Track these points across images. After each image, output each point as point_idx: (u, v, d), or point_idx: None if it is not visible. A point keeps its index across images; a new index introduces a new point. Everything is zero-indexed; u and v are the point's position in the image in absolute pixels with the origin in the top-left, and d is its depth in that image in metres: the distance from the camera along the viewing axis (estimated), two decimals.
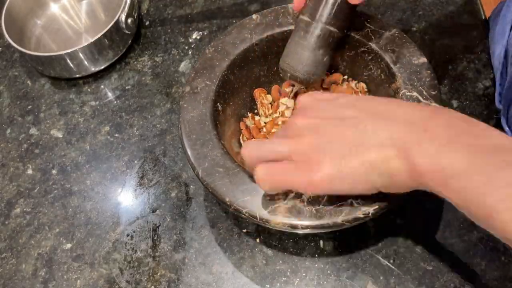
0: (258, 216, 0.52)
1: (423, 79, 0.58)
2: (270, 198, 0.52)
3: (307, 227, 0.51)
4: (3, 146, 0.79)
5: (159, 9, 0.91)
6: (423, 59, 0.60)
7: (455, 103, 0.72)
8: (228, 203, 0.54)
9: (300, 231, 0.53)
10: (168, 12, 0.91)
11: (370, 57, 0.63)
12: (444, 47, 0.77)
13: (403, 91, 0.58)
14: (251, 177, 0.53)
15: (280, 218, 0.52)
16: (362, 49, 0.64)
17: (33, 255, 0.69)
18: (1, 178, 0.76)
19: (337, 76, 0.68)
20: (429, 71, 0.59)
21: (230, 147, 0.63)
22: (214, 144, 0.58)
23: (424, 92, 0.57)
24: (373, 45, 0.62)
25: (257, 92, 0.70)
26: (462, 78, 0.74)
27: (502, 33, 0.69)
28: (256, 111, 0.70)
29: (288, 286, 0.61)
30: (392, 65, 0.60)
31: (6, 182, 0.75)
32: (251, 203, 0.53)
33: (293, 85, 0.66)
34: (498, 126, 0.67)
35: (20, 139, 0.80)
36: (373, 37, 0.63)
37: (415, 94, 0.57)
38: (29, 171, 0.76)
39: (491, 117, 0.70)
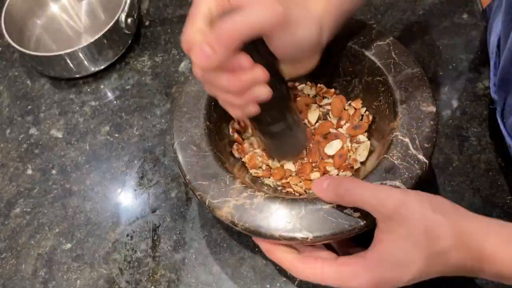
0: (207, 203, 0.54)
1: (422, 128, 0.55)
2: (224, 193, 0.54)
3: (246, 229, 0.52)
4: (3, 146, 0.79)
5: (159, 9, 0.91)
6: (432, 108, 0.57)
7: (455, 103, 0.72)
8: (187, 180, 0.56)
9: (238, 228, 0.53)
10: (168, 12, 0.91)
11: (383, 89, 0.61)
12: (444, 47, 0.77)
13: (396, 133, 0.56)
14: (221, 163, 0.57)
15: (225, 211, 0.53)
16: (379, 78, 0.62)
17: (33, 255, 0.69)
18: (1, 178, 0.76)
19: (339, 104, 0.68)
20: (432, 122, 0.56)
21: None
22: (198, 122, 0.60)
23: (417, 142, 0.55)
24: (389, 78, 0.60)
25: None
26: (462, 78, 0.74)
27: (497, 21, 0.69)
28: None
29: (288, 286, 0.61)
30: (398, 104, 0.58)
31: (6, 182, 0.75)
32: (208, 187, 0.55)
33: None
34: (500, 131, 0.67)
35: (20, 139, 0.80)
36: (393, 69, 0.60)
37: (406, 140, 0.55)
38: (29, 171, 0.76)
39: (491, 117, 0.70)
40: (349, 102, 0.67)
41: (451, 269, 0.46)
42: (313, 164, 0.64)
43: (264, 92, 0.50)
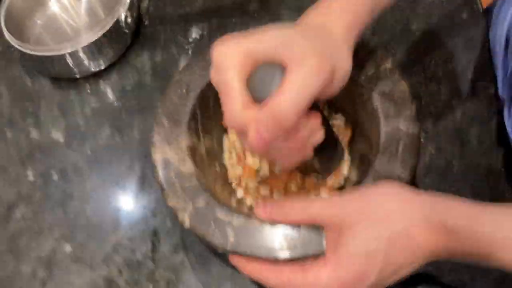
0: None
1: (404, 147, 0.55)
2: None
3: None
4: (4, 149, 0.79)
5: (159, 8, 0.91)
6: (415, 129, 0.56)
7: (455, 103, 0.72)
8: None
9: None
10: (168, 11, 0.90)
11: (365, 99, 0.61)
12: (444, 47, 0.77)
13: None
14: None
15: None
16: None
17: (33, 258, 0.69)
18: (1, 182, 0.76)
19: None
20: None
21: None
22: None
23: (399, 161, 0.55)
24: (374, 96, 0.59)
25: None
26: (462, 78, 0.74)
27: (504, 17, 0.69)
28: None
29: None
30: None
31: (6, 186, 0.75)
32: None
33: None
34: (500, 132, 0.67)
35: (20, 141, 0.80)
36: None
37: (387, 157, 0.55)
38: (30, 175, 0.76)
39: (491, 117, 0.70)
40: None
41: (422, 254, 0.45)
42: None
43: (321, 136, 0.48)
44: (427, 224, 0.45)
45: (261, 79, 0.44)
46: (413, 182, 0.58)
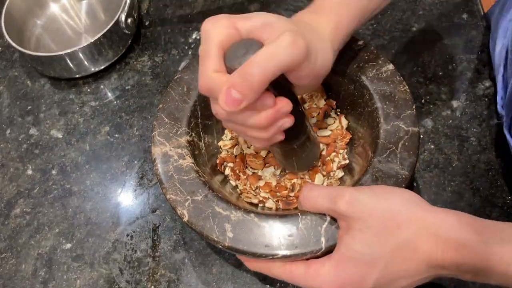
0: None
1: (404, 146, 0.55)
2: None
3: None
4: (3, 146, 0.79)
5: (159, 9, 0.91)
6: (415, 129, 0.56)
7: (455, 103, 0.72)
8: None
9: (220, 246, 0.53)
10: (168, 12, 0.91)
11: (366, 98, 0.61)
12: (444, 47, 0.77)
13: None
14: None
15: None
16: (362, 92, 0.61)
17: (33, 255, 0.69)
18: (1, 178, 0.76)
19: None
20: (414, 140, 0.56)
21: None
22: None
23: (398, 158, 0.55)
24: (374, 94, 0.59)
25: None
26: (462, 78, 0.74)
27: (504, 31, 0.69)
28: None
29: (288, 286, 0.61)
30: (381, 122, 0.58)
31: (6, 182, 0.75)
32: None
33: None
34: (500, 132, 0.67)
35: (20, 139, 0.80)
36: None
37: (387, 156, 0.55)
38: (29, 171, 0.76)
39: (491, 117, 0.70)
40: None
41: (425, 266, 0.45)
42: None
43: (289, 121, 0.49)
44: (435, 238, 0.44)
45: (235, 51, 0.45)
46: (413, 178, 0.58)
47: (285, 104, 0.47)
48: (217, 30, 0.45)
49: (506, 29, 0.68)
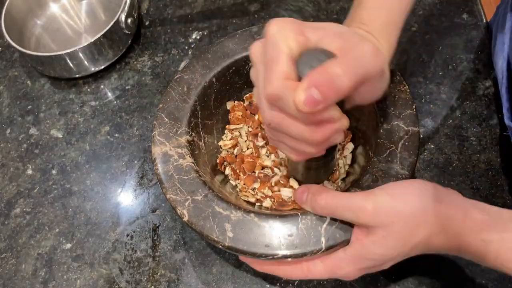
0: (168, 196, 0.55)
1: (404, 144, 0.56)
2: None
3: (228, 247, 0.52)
4: (3, 146, 0.79)
5: (159, 9, 0.91)
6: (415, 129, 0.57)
7: (455, 103, 0.72)
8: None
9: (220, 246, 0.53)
10: (168, 12, 0.91)
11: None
12: (444, 47, 0.77)
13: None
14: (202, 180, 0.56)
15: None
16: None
17: (33, 255, 0.69)
18: (1, 178, 0.76)
19: None
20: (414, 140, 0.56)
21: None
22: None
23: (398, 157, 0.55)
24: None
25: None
26: (462, 78, 0.74)
27: (502, 44, 0.69)
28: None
29: (288, 286, 0.61)
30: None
31: (6, 182, 0.75)
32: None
33: None
34: (507, 145, 0.67)
35: (20, 139, 0.80)
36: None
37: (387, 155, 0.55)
38: (29, 171, 0.76)
39: (491, 117, 0.70)
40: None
41: (434, 251, 0.48)
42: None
43: (341, 138, 0.46)
44: (445, 236, 0.46)
45: (310, 61, 0.42)
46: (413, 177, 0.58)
47: (346, 122, 0.44)
48: (286, 35, 0.42)
49: (503, 43, 0.68)
